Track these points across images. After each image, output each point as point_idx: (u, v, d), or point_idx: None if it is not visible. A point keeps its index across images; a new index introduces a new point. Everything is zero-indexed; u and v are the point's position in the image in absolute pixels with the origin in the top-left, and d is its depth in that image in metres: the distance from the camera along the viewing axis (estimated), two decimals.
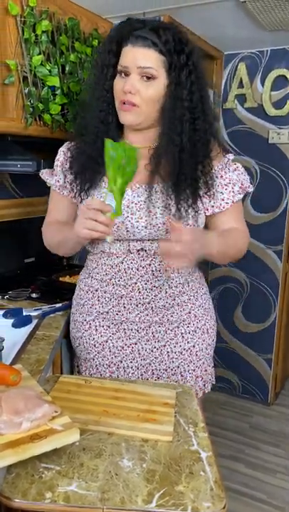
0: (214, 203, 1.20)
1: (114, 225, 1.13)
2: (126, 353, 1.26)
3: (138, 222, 1.14)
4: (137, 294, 1.22)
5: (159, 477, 0.79)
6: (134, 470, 0.81)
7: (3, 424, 0.75)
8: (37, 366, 1.08)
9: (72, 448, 0.85)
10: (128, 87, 1.07)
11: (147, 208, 1.14)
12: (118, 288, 1.23)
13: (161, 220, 1.14)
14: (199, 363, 1.30)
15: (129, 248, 1.19)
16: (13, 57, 1.46)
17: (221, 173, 1.20)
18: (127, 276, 1.21)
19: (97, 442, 0.88)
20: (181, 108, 1.09)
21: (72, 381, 1.08)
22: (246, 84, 2.46)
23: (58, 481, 0.76)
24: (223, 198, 1.20)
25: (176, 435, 0.92)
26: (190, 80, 1.09)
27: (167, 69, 1.08)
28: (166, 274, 1.20)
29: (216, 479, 0.80)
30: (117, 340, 1.26)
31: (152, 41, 1.06)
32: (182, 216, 1.14)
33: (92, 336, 1.28)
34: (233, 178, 1.21)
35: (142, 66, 1.06)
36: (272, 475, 2.12)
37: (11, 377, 0.90)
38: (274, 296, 2.62)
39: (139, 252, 1.19)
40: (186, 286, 1.26)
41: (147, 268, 1.20)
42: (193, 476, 0.80)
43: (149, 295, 1.22)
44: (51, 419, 0.79)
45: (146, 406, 0.99)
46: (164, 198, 1.14)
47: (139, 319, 1.24)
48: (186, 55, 1.08)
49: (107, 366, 1.28)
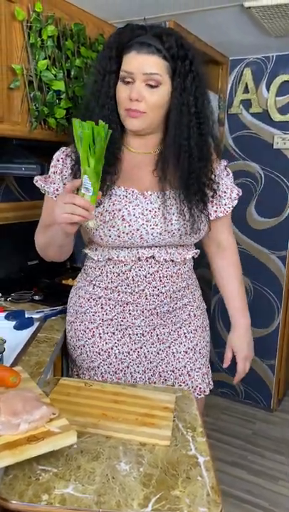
0: (217, 208, 1.24)
1: (129, 233, 1.13)
2: (132, 358, 1.25)
3: (153, 229, 1.14)
4: (143, 300, 1.21)
5: (155, 481, 0.79)
6: (131, 474, 0.81)
7: (1, 425, 0.76)
8: (37, 368, 1.09)
9: (70, 450, 0.85)
10: (135, 95, 1.07)
11: (162, 215, 1.14)
12: (124, 295, 1.22)
13: (177, 227, 1.15)
14: (203, 360, 1.33)
15: (138, 256, 1.17)
16: (19, 61, 1.47)
17: (218, 179, 1.23)
18: (134, 283, 1.20)
19: (95, 445, 0.88)
20: (187, 114, 1.10)
21: (72, 384, 1.09)
22: (251, 89, 2.47)
23: (54, 483, 0.77)
24: (225, 203, 1.25)
25: (174, 440, 0.92)
26: (194, 86, 1.09)
27: (171, 75, 1.09)
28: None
29: (213, 484, 0.80)
30: (122, 346, 1.25)
31: (156, 47, 1.06)
32: (195, 221, 1.16)
33: (96, 343, 1.25)
34: (229, 184, 1.25)
35: (147, 72, 1.06)
36: (275, 482, 2.10)
37: (10, 378, 0.90)
38: (277, 301, 2.61)
39: (148, 260, 1.19)
40: (187, 289, 1.29)
41: (155, 275, 1.20)
42: (190, 481, 0.80)
43: (156, 301, 1.22)
44: (49, 421, 0.79)
45: (145, 410, 0.99)
46: (178, 204, 1.15)
47: (144, 323, 1.24)
48: (189, 60, 1.08)
49: (113, 373, 1.26)
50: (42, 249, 1.28)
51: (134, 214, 1.13)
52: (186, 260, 1.26)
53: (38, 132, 1.58)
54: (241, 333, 1.35)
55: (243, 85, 2.49)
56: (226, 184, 1.25)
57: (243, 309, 1.36)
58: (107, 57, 1.12)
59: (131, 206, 1.14)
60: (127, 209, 1.14)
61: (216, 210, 1.24)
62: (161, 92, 1.09)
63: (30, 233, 2.06)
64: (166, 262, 1.20)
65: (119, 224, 1.13)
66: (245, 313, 1.36)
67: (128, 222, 1.13)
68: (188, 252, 1.24)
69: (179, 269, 1.24)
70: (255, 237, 2.58)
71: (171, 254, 1.20)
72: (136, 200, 1.15)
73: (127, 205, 1.14)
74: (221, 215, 1.25)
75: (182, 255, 1.22)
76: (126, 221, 1.13)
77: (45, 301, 1.64)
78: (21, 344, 1.25)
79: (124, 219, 1.13)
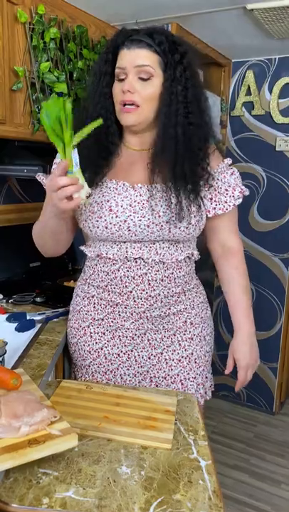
0: (216, 204, 1.21)
1: (116, 224, 1.14)
2: (122, 360, 1.25)
3: (140, 220, 1.13)
4: (132, 302, 1.20)
5: (157, 485, 0.79)
6: (133, 477, 0.80)
7: (2, 428, 0.75)
8: (38, 371, 1.08)
9: (71, 453, 0.84)
10: (127, 86, 1.09)
11: (150, 207, 1.14)
12: (114, 295, 1.22)
13: (165, 219, 1.14)
14: (199, 370, 1.29)
15: (126, 255, 1.17)
16: (22, 63, 1.48)
17: (220, 177, 1.22)
18: (122, 284, 1.19)
19: (96, 448, 0.87)
20: (176, 103, 1.11)
21: (74, 386, 1.08)
22: (254, 91, 2.47)
23: (55, 486, 0.76)
24: (226, 200, 1.22)
25: (176, 443, 0.91)
26: (184, 77, 1.11)
27: (163, 68, 1.11)
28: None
29: (215, 489, 0.79)
30: (112, 347, 1.25)
31: (147, 43, 1.09)
32: (184, 215, 1.14)
33: (87, 342, 1.27)
34: (232, 183, 1.23)
35: (139, 64, 1.09)
36: (277, 486, 2.09)
37: (11, 381, 0.90)
38: (280, 304, 2.60)
39: (137, 261, 1.17)
40: (183, 295, 1.25)
41: (143, 277, 1.18)
42: (191, 485, 0.79)
43: (145, 304, 1.20)
44: (50, 424, 0.79)
45: (147, 413, 0.99)
46: (167, 197, 1.14)
47: (134, 326, 1.23)
48: (180, 54, 1.11)
49: (103, 373, 1.27)
50: (38, 237, 1.29)
51: (121, 205, 1.14)
52: (180, 263, 1.21)
53: (41, 134, 1.58)
54: (243, 341, 1.28)
55: (246, 87, 2.48)
56: (228, 182, 1.22)
57: (245, 316, 1.29)
58: (103, 60, 1.15)
59: (120, 198, 1.15)
60: (115, 200, 1.15)
61: (215, 207, 1.22)
62: (154, 85, 1.11)
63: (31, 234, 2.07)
64: (155, 264, 1.18)
65: (106, 215, 1.14)
66: (247, 319, 1.29)
67: (115, 213, 1.14)
68: (181, 252, 1.20)
69: (172, 273, 1.20)
70: (258, 240, 2.58)
71: (161, 255, 1.17)
72: (125, 193, 1.15)
73: (116, 197, 1.15)
74: (220, 212, 1.22)
75: (174, 256, 1.19)
76: (113, 212, 1.14)
77: (46, 303, 1.64)
78: (22, 346, 1.25)
79: (111, 209, 1.14)
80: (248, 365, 1.28)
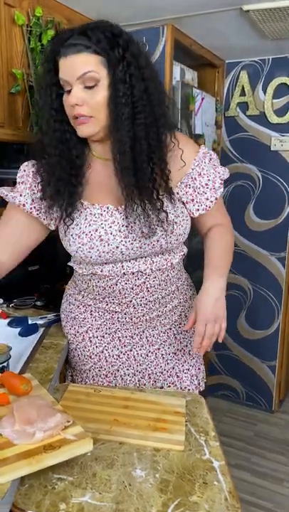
0: (199, 206, 1.16)
1: (109, 252, 1.09)
2: (122, 361, 1.26)
3: (132, 244, 1.10)
4: (131, 309, 1.20)
5: (172, 487, 0.79)
6: (148, 480, 0.80)
7: (16, 434, 0.75)
8: (46, 375, 1.08)
9: (85, 458, 0.84)
10: (73, 100, 0.99)
11: (139, 229, 1.08)
12: (112, 305, 1.20)
13: (155, 238, 1.10)
14: (192, 361, 1.31)
15: (123, 271, 1.13)
16: (20, 66, 1.47)
17: (198, 170, 1.15)
18: (121, 295, 1.17)
19: (109, 452, 0.87)
20: (121, 105, 0.99)
21: (82, 390, 1.08)
22: (248, 92, 2.48)
23: (71, 491, 0.76)
24: (207, 197, 1.16)
25: (188, 444, 0.91)
26: (128, 73, 0.98)
27: (107, 67, 0.99)
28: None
29: (230, 489, 0.79)
30: (112, 349, 1.25)
31: (84, 45, 0.97)
32: (164, 227, 1.09)
33: (87, 347, 1.26)
34: (211, 173, 1.16)
35: (81, 74, 0.98)
36: (279, 483, 2.10)
37: (21, 386, 0.89)
38: (277, 302, 2.61)
39: (134, 273, 1.14)
40: (177, 291, 1.25)
41: (142, 286, 1.16)
42: (206, 486, 0.79)
43: (144, 309, 1.20)
44: (64, 429, 0.78)
45: (156, 415, 0.99)
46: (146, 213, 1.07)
47: (133, 327, 1.23)
48: (121, 47, 0.98)
49: (104, 376, 1.27)
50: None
51: (111, 232, 1.09)
52: (174, 264, 1.20)
53: None
54: (205, 292, 1.14)
55: (240, 88, 2.50)
56: (208, 174, 1.15)
57: (217, 268, 1.17)
58: (45, 71, 1.04)
59: (107, 224, 1.09)
60: (104, 228, 1.09)
61: (198, 208, 1.16)
62: (102, 89, 1.00)
63: None
64: (152, 272, 1.15)
65: (98, 244, 1.09)
66: (218, 272, 1.16)
67: (106, 241, 1.09)
68: (174, 255, 1.19)
69: (167, 276, 1.19)
70: (254, 239, 2.59)
71: (157, 263, 1.15)
72: (111, 218, 1.10)
73: (103, 224, 1.09)
74: (204, 212, 1.17)
75: (169, 261, 1.18)
76: (104, 241, 1.09)
77: (47, 307, 1.63)
78: (26, 351, 1.24)
79: (101, 239, 1.09)
80: (207, 319, 1.12)
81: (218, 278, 1.16)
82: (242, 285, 2.67)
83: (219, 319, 1.13)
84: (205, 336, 1.12)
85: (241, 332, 2.71)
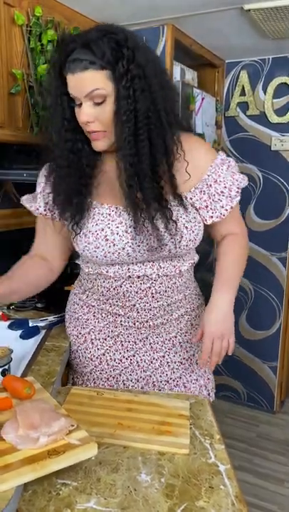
0: (213, 213, 1.13)
1: (115, 253, 1.08)
2: (125, 366, 1.23)
3: (139, 246, 1.08)
4: (135, 314, 1.18)
5: (178, 492, 0.77)
6: (153, 485, 0.79)
7: (20, 439, 0.74)
8: (48, 378, 1.06)
9: (89, 462, 0.83)
10: (84, 118, 0.99)
11: (148, 232, 1.07)
12: (116, 307, 1.19)
13: (164, 242, 1.08)
14: (201, 371, 1.28)
15: (129, 274, 1.12)
16: (20, 66, 1.46)
17: (214, 177, 1.12)
18: (125, 298, 1.16)
19: (114, 456, 0.86)
20: (123, 122, 0.97)
21: (84, 393, 1.07)
22: (248, 92, 2.47)
23: (75, 497, 0.74)
24: (222, 205, 1.13)
25: (193, 448, 0.90)
26: (132, 88, 0.96)
27: (113, 81, 0.97)
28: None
29: (237, 493, 0.78)
30: (114, 353, 1.23)
31: (89, 61, 0.95)
32: (172, 232, 1.07)
33: (88, 349, 1.25)
34: (228, 180, 1.13)
35: (88, 91, 0.97)
36: (281, 485, 2.09)
37: (24, 390, 0.88)
38: (278, 303, 2.60)
39: (140, 277, 1.13)
40: (184, 300, 1.23)
41: (147, 291, 1.14)
42: (213, 491, 0.78)
43: (148, 315, 1.18)
44: (68, 434, 0.77)
45: (160, 418, 0.98)
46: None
47: (136, 332, 1.21)
48: (126, 59, 0.95)
49: (105, 380, 1.24)
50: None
51: (117, 233, 1.07)
52: (183, 272, 1.18)
53: (40, 137, 1.56)
54: (215, 307, 1.12)
55: (240, 88, 2.49)
56: (224, 182, 1.12)
57: (227, 280, 1.15)
58: (53, 77, 1.02)
59: (114, 224, 1.08)
60: (110, 228, 1.08)
61: (212, 215, 1.13)
62: (109, 105, 0.98)
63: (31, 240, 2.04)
64: (159, 277, 1.13)
65: (103, 244, 1.08)
66: (227, 285, 1.14)
67: (112, 241, 1.08)
68: (184, 262, 1.16)
69: (174, 283, 1.17)
70: (255, 239, 2.58)
71: (164, 269, 1.13)
72: (119, 218, 1.08)
73: (110, 224, 1.08)
74: (217, 220, 1.14)
75: (177, 267, 1.15)
76: (109, 241, 1.08)
77: (48, 309, 1.61)
78: (28, 354, 1.22)
79: (107, 239, 1.08)
80: (214, 335, 1.10)
81: (227, 290, 1.14)
82: (243, 285, 2.66)
83: (227, 335, 1.12)
84: (212, 353, 1.11)
85: (242, 333, 2.70)
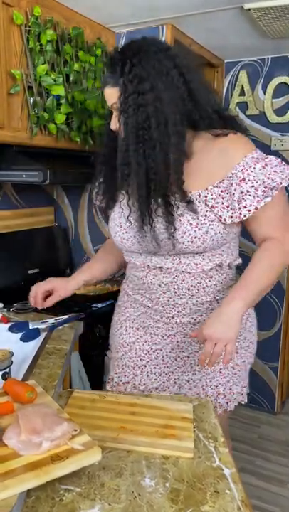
0: (233, 213, 1.09)
1: (128, 239, 1.17)
2: (151, 358, 1.28)
3: (146, 236, 1.12)
4: (160, 308, 1.22)
5: (183, 497, 0.76)
6: (158, 490, 0.78)
7: (22, 444, 0.72)
8: (50, 381, 1.05)
9: (92, 467, 0.81)
10: (112, 127, 1.11)
11: (166, 222, 1.10)
12: (144, 299, 1.26)
13: (166, 235, 1.10)
14: (223, 380, 1.25)
15: (148, 264, 1.19)
16: (18, 66, 1.44)
17: (240, 176, 1.07)
18: (150, 290, 1.22)
19: (117, 460, 0.85)
20: (123, 135, 1.06)
21: (86, 396, 1.05)
22: (247, 91, 2.46)
23: (79, 503, 0.73)
24: (245, 205, 1.08)
25: (197, 451, 0.89)
26: (128, 103, 1.03)
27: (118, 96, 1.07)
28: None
29: (243, 498, 0.77)
30: (143, 344, 1.28)
31: (108, 78, 1.07)
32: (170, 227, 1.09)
33: (122, 335, 1.32)
34: (259, 180, 1.07)
35: (110, 105, 1.09)
36: (284, 487, 2.08)
37: (26, 394, 0.87)
38: (279, 304, 2.59)
39: (161, 269, 1.17)
40: (216, 303, 1.20)
41: (169, 286, 1.18)
42: (218, 495, 0.77)
43: (172, 311, 1.22)
44: (71, 438, 0.76)
45: (163, 421, 0.96)
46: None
47: (165, 327, 1.25)
48: (125, 75, 1.02)
49: (131, 368, 1.30)
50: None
51: (130, 221, 1.14)
52: (210, 272, 1.16)
53: (39, 138, 1.55)
54: (219, 310, 1.09)
55: (239, 88, 2.48)
56: (252, 181, 1.06)
57: (243, 287, 1.09)
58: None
59: (128, 213, 1.14)
60: (125, 216, 1.15)
61: (232, 215, 1.09)
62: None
63: (30, 241, 2.03)
64: (180, 273, 1.16)
65: (118, 230, 1.19)
66: (242, 293, 1.09)
67: (125, 229, 1.17)
68: (208, 262, 1.15)
69: (200, 283, 1.17)
70: None
71: (184, 265, 1.15)
72: (135, 207, 1.12)
73: (126, 212, 1.15)
74: (236, 221, 1.09)
75: (200, 266, 1.15)
76: (123, 228, 1.17)
77: (48, 311, 1.60)
78: (29, 356, 1.21)
79: (121, 226, 1.18)
80: (206, 336, 1.07)
81: (242, 298, 1.08)
82: None
83: (223, 341, 1.06)
84: (203, 352, 1.08)
85: None
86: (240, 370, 1.27)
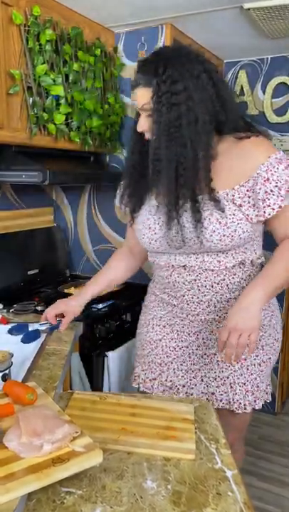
0: (258, 211, 1.12)
1: (157, 240, 1.19)
2: (177, 355, 1.30)
3: (176, 236, 1.14)
4: (186, 305, 1.25)
5: (185, 499, 0.76)
6: (159, 492, 0.77)
7: (23, 446, 0.72)
8: (50, 383, 1.05)
9: (93, 469, 0.80)
10: (139, 128, 1.14)
11: (191, 223, 1.13)
12: (170, 298, 1.28)
13: (194, 234, 1.12)
14: (251, 377, 1.25)
15: (172, 263, 1.21)
16: (18, 66, 1.44)
17: (265, 176, 1.10)
18: (175, 288, 1.24)
19: (118, 462, 0.84)
20: (153, 136, 1.10)
21: (87, 397, 1.05)
22: (247, 91, 2.46)
23: (80, 506, 0.72)
24: (269, 204, 1.11)
25: (199, 453, 0.88)
26: (161, 103, 1.06)
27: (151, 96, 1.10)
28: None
29: (245, 500, 0.76)
30: (170, 341, 1.31)
31: (138, 80, 1.10)
32: (199, 226, 1.12)
33: (148, 333, 1.35)
34: (282, 180, 1.11)
35: (139, 107, 1.12)
36: (285, 488, 2.07)
37: (26, 395, 0.86)
38: (279, 304, 2.59)
39: (185, 268, 1.19)
40: None
41: (193, 283, 1.20)
42: (220, 497, 0.76)
43: (197, 308, 1.24)
44: (72, 441, 0.75)
45: (164, 422, 0.96)
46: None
47: (190, 325, 1.27)
48: (159, 76, 1.06)
49: (158, 364, 1.32)
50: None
51: (158, 223, 1.18)
52: (233, 269, 1.18)
53: (38, 138, 1.55)
54: (238, 301, 1.10)
55: (239, 88, 2.48)
56: (276, 181, 1.10)
57: (265, 277, 1.11)
58: None
59: (157, 215, 1.19)
60: (154, 218, 1.20)
61: (257, 213, 1.12)
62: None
63: (30, 242, 2.03)
64: (203, 271, 1.18)
65: (147, 232, 1.21)
66: (259, 286, 1.10)
67: (154, 230, 1.20)
68: (231, 259, 1.17)
69: (223, 280, 1.18)
70: None
71: (208, 263, 1.17)
72: (164, 209, 1.15)
73: (155, 215, 1.20)
74: (262, 219, 1.13)
75: (223, 263, 1.17)
76: (152, 229, 1.20)
77: None
78: (29, 358, 1.21)
79: (150, 227, 1.20)
80: (230, 328, 1.08)
81: (259, 289, 1.09)
82: None
83: (246, 330, 1.06)
84: (227, 345, 1.08)
85: None
86: (266, 367, 1.28)
